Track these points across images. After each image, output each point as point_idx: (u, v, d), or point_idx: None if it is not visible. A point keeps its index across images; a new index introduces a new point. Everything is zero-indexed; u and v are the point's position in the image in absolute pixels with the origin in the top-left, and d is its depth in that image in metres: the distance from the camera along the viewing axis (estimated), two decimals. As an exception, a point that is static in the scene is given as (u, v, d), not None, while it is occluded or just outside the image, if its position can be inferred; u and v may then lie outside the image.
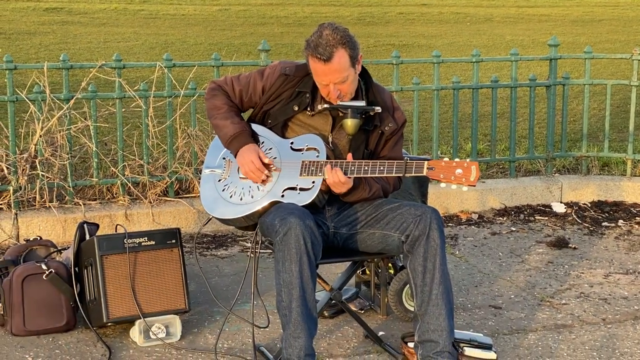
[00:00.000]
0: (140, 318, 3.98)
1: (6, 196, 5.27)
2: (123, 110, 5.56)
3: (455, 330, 3.97)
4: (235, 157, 3.74)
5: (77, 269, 4.13)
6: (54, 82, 5.80)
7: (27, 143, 5.39)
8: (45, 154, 5.32)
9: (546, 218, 6.11)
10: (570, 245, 5.54)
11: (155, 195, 5.50)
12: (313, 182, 3.64)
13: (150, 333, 3.99)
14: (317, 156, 3.68)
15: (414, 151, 6.21)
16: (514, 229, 5.88)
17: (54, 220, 5.25)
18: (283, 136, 3.78)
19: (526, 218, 6.10)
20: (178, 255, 4.12)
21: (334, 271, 4.72)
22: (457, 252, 5.39)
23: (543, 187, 6.38)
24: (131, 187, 5.49)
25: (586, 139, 6.65)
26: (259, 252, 3.78)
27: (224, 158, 3.84)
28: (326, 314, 4.32)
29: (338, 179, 3.57)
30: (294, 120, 3.78)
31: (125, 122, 5.86)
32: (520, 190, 6.34)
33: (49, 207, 5.30)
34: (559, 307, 4.57)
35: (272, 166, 3.69)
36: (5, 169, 5.27)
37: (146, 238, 4.08)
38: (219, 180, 3.80)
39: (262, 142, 3.78)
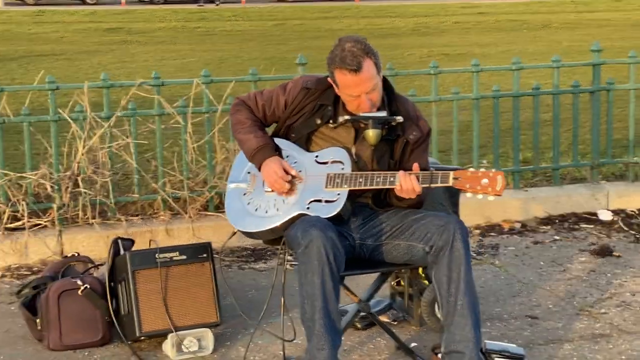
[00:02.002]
0: (173, 332, 4.03)
1: (50, 213, 5.37)
2: (163, 127, 5.65)
3: (487, 341, 3.96)
4: (259, 170, 3.78)
5: (112, 284, 4.20)
6: (100, 102, 5.86)
7: (70, 161, 5.49)
8: (88, 171, 5.42)
9: (591, 226, 6.02)
10: (614, 253, 5.45)
11: (196, 210, 5.57)
12: (338, 194, 3.66)
13: (183, 346, 4.04)
14: (342, 169, 3.70)
15: (455, 162, 6.17)
16: (557, 237, 5.81)
17: (97, 236, 5.34)
18: (307, 150, 3.81)
19: (571, 226, 6.02)
20: (209, 269, 4.17)
21: (368, 282, 4.71)
22: (497, 262, 5.34)
23: (588, 194, 6.29)
24: (172, 202, 5.57)
25: (632, 145, 6.54)
26: (291, 265, 3.81)
27: (248, 172, 3.88)
28: (359, 326, 4.32)
29: (412, 187, 3.56)
30: (317, 134, 3.80)
31: (168, 138, 5.95)
32: (565, 199, 6.26)
33: (92, 223, 5.40)
34: (598, 316, 4.51)
35: (297, 178, 3.72)
36: (49, 187, 5.38)
37: (177, 253, 4.13)
38: (244, 194, 3.84)
39: (287, 156, 3.81)
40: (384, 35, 22.12)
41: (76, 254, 4.53)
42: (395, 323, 4.39)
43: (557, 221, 6.11)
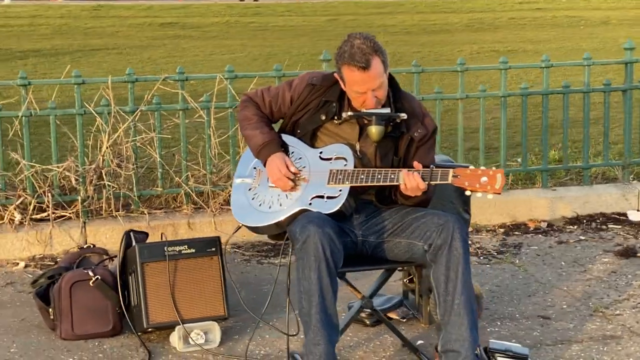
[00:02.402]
0: (180, 324, 4.08)
1: (75, 205, 5.47)
2: (187, 121, 5.71)
3: (491, 340, 3.96)
4: (264, 166, 3.81)
5: (123, 275, 4.26)
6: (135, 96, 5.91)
7: (95, 155, 5.58)
8: (112, 165, 5.51)
9: (619, 227, 5.94)
10: (638, 254, 5.37)
11: (218, 204, 5.61)
12: (340, 190, 3.67)
13: (190, 339, 4.09)
14: (345, 165, 3.71)
15: (481, 161, 6.13)
16: (583, 237, 5.74)
17: (120, 228, 5.41)
18: (312, 146, 3.83)
19: (598, 227, 5.94)
20: (218, 263, 4.22)
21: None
22: (517, 261, 5.30)
23: (618, 194, 6.21)
24: (194, 196, 5.62)
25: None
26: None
27: (254, 168, 3.91)
28: (367, 322, 4.33)
29: (417, 185, 3.55)
30: (323, 130, 3.82)
31: (194, 133, 6.01)
32: (594, 198, 6.17)
33: (116, 216, 5.48)
34: (612, 317, 4.45)
35: (299, 175, 3.75)
36: (73, 179, 5.48)
37: (186, 246, 4.19)
38: (249, 189, 3.88)
39: (292, 152, 3.83)
40: (436, 31, 22.01)
41: (92, 246, 4.61)
42: (404, 320, 4.39)
43: (584, 221, 6.04)
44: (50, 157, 5.73)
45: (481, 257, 5.35)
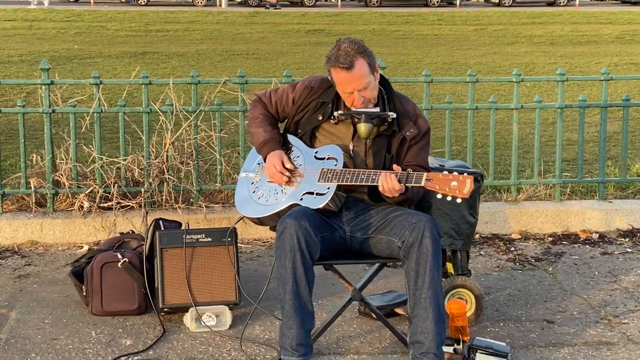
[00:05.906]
0: (193, 306, 4.44)
1: (139, 197, 5.93)
2: (247, 122, 6.06)
3: (477, 338, 4.12)
4: (264, 161, 4.12)
5: (150, 259, 4.66)
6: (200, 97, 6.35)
7: (159, 150, 6.03)
8: (176, 161, 5.94)
9: (675, 241, 5.90)
10: (680, 269, 5.35)
11: (272, 200, 5.94)
12: (328, 187, 3.94)
13: (201, 320, 4.44)
14: (335, 165, 3.98)
15: (535, 169, 6.21)
16: (629, 250, 5.74)
17: (179, 219, 5.82)
18: (311, 145, 4.11)
19: (651, 241, 5.93)
20: (233, 252, 4.54)
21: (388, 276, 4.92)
22: (550, 269, 5.38)
23: (680, 209, 6.15)
24: (250, 192, 5.97)
25: None
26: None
27: (258, 163, 4.23)
28: (374, 316, 4.55)
29: (392, 186, 3.82)
30: (320, 130, 4.10)
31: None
32: (654, 212, 6.15)
33: (176, 208, 5.91)
34: (616, 325, 4.50)
35: (295, 172, 4.04)
36: (136, 172, 5.95)
37: (204, 235, 4.54)
38: (252, 183, 4.20)
39: (292, 151, 4.13)
40: (582, 42, 21.66)
41: (131, 232, 5.03)
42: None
43: (638, 235, 6.01)
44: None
45: (517, 263, 5.45)
